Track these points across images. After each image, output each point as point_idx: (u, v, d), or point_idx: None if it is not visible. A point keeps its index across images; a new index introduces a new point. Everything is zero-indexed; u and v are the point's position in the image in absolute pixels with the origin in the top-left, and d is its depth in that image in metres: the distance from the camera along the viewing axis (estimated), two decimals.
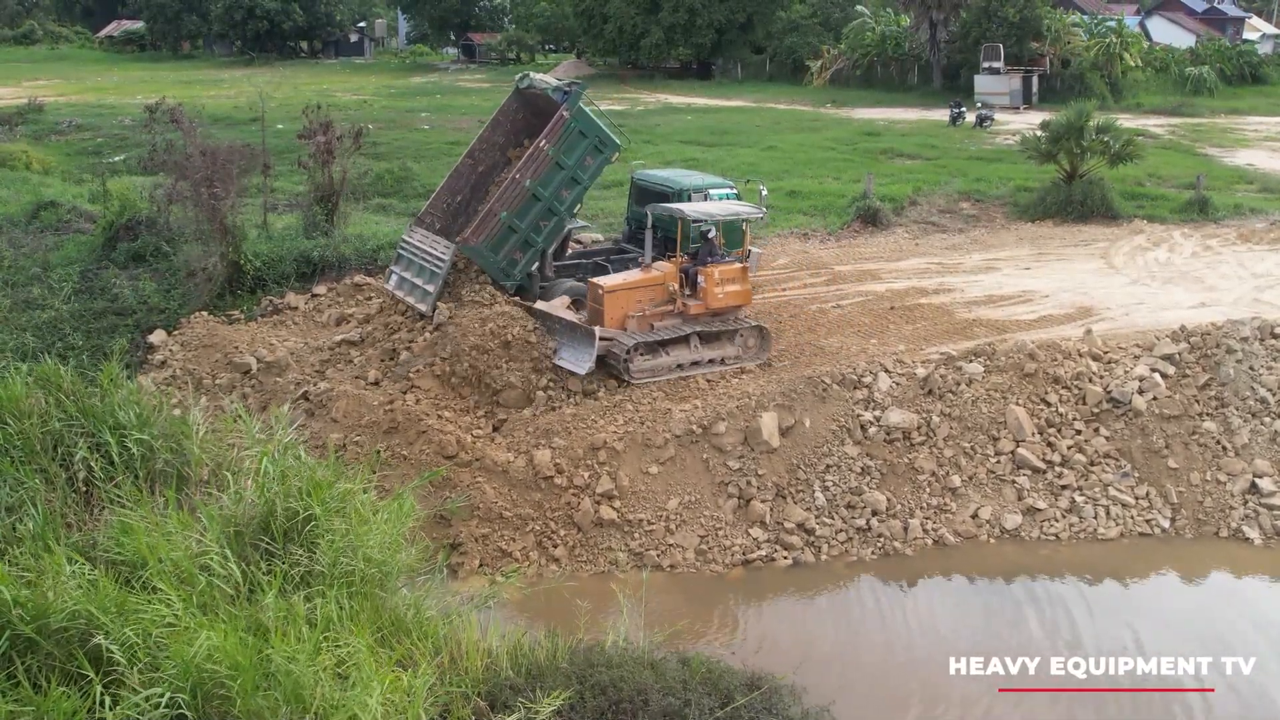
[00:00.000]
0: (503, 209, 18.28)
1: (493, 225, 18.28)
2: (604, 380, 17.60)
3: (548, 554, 14.96)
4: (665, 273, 18.14)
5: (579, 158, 18.77)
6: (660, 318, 17.98)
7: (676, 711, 9.80)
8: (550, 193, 18.63)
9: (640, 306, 17.91)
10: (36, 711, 7.81)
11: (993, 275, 23.30)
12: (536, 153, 18.42)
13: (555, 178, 18.62)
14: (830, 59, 64.07)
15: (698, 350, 18.02)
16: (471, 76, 73.56)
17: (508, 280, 18.71)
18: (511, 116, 20.64)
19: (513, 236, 18.52)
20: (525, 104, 20.49)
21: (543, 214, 18.69)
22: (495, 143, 20.63)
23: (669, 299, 18.03)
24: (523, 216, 18.47)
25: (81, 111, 47.30)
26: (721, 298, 17.95)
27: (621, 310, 17.79)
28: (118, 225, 23.23)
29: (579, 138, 18.68)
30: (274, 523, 9.93)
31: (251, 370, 18.57)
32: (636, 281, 18.18)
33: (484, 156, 20.53)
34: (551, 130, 18.46)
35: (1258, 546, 15.40)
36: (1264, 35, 78.48)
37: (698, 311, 17.95)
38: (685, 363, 17.92)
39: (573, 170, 18.75)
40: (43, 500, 10.21)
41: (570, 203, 19.06)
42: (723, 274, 17.96)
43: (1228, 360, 17.18)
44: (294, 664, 8.31)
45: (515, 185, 18.36)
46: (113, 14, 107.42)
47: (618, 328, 17.71)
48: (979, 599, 14.48)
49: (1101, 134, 28.42)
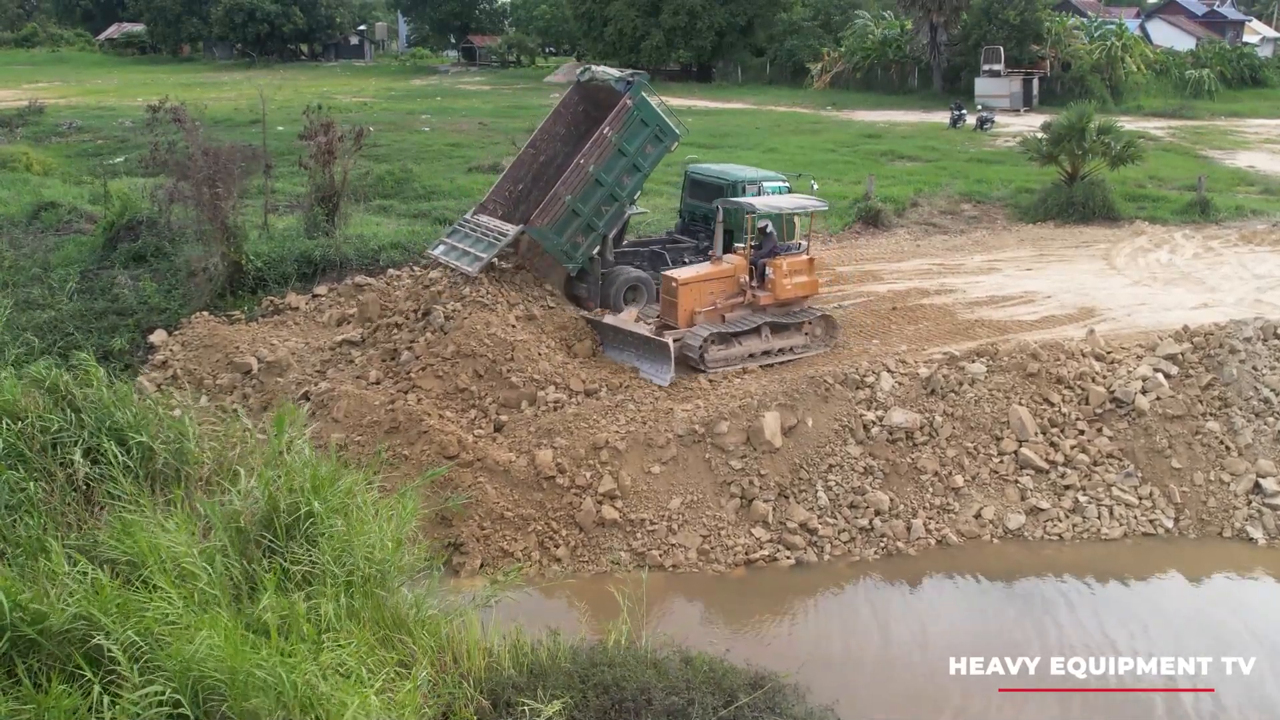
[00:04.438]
0: (567, 193, 19.07)
1: (557, 209, 19.04)
2: (604, 379, 17.58)
3: (550, 554, 14.91)
4: (736, 265, 18.61)
5: (640, 145, 19.65)
6: (731, 309, 18.45)
7: (680, 710, 9.74)
8: (612, 179, 19.49)
9: (712, 299, 18.38)
10: (37, 710, 7.77)
11: (994, 276, 23.27)
12: (600, 139, 19.26)
13: (617, 164, 19.50)
14: (830, 62, 64.07)
15: (769, 340, 18.41)
16: (472, 79, 73.61)
17: (570, 263, 19.52)
18: (572, 109, 21.54)
19: (576, 220, 19.31)
20: (586, 96, 21.34)
21: (605, 199, 19.55)
22: (556, 134, 21.52)
23: (739, 291, 18.45)
24: (586, 201, 19.28)
25: (82, 114, 47.29)
26: (790, 288, 18.46)
27: (695, 302, 18.27)
28: (118, 225, 23.20)
29: (640, 126, 19.54)
30: (277, 519, 9.89)
31: (252, 370, 18.53)
32: (709, 274, 18.66)
33: (545, 147, 21.44)
34: (615, 118, 19.32)
35: (1261, 547, 15.35)
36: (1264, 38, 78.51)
37: (767, 302, 18.44)
38: (757, 352, 18.33)
39: (634, 157, 19.62)
40: (42, 501, 10.17)
41: (631, 189, 19.96)
42: (791, 265, 18.49)
43: (1231, 360, 17.14)
44: (288, 665, 8.23)
45: (579, 170, 19.21)
46: (113, 17, 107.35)
47: (689, 320, 18.20)
48: (982, 599, 14.43)
49: (1103, 135, 28.41)
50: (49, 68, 79.81)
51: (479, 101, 55.27)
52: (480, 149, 37.06)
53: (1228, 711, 12.06)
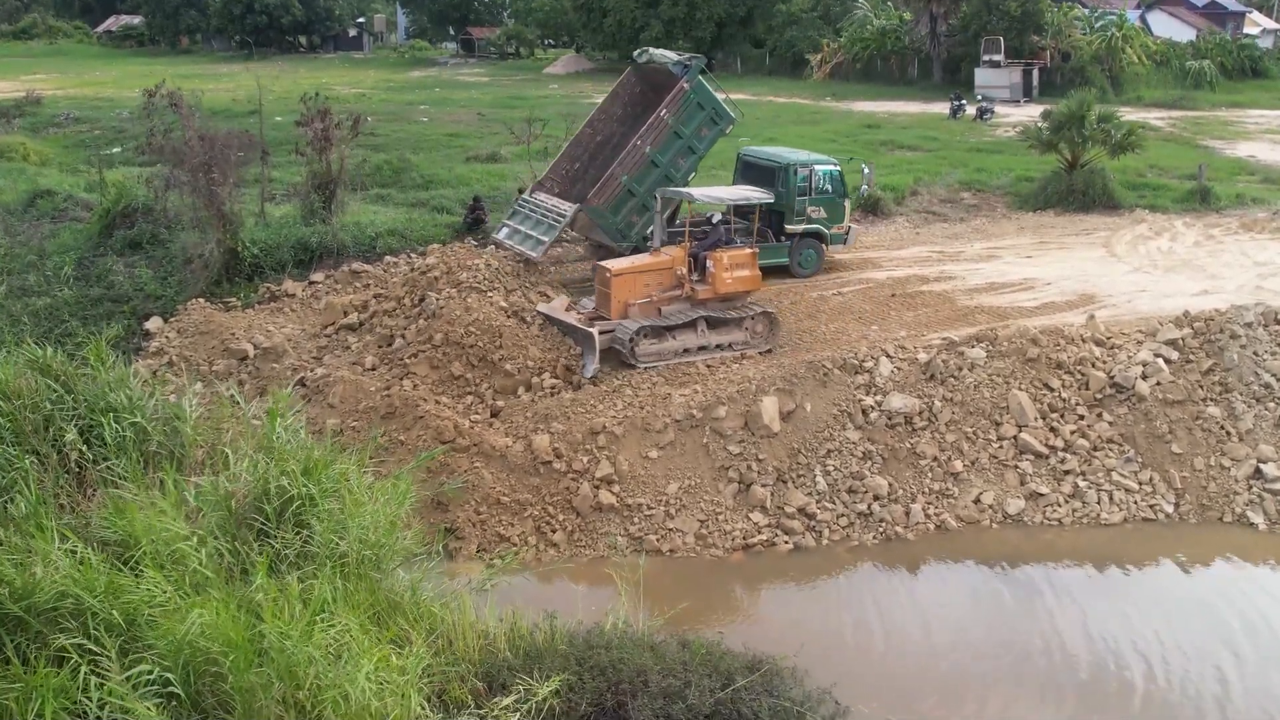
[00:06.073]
0: (624, 173, 19.48)
1: (613, 188, 19.47)
2: (605, 365, 17.48)
3: (546, 539, 14.84)
4: (674, 257, 18.15)
5: (696, 127, 20.12)
6: (668, 302, 18.01)
7: (677, 692, 9.67)
8: (668, 160, 19.97)
9: (647, 291, 17.92)
10: (24, 688, 7.70)
11: (994, 263, 23.16)
12: (656, 121, 19.65)
13: (673, 146, 20.00)
14: (830, 53, 63.75)
15: (705, 335, 17.97)
16: (470, 70, 73.27)
17: (624, 241, 19.87)
18: (630, 90, 21.96)
19: (631, 200, 19.74)
20: (643, 79, 21.73)
21: (660, 180, 19.82)
22: (613, 114, 22.02)
23: (677, 283, 18.00)
24: (641, 181, 19.69)
25: (79, 105, 47.02)
26: (730, 283, 17.98)
27: (629, 294, 17.85)
28: (114, 213, 23.05)
29: (696, 109, 19.99)
30: (268, 503, 9.81)
31: (248, 356, 18.44)
32: (644, 265, 18.24)
33: (602, 127, 21.97)
34: (671, 100, 19.73)
35: (1262, 532, 15.29)
36: (1264, 30, 78.24)
37: (706, 296, 17.96)
38: (692, 348, 17.87)
39: (689, 139, 20.08)
40: (35, 481, 10.09)
41: (686, 171, 20.36)
42: (732, 259, 17.94)
43: (1231, 346, 17.05)
44: (287, 641, 8.20)
45: (636, 151, 19.65)
46: (111, 9, 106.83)
47: (622, 312, 17.77)
48: (981, 584, 14.35)
49: (1103, 123, 28.25)
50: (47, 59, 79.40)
51: (477, 93, 55.00)
52: (478, 139, 36.85)
53: (1228, 697, 11.99)
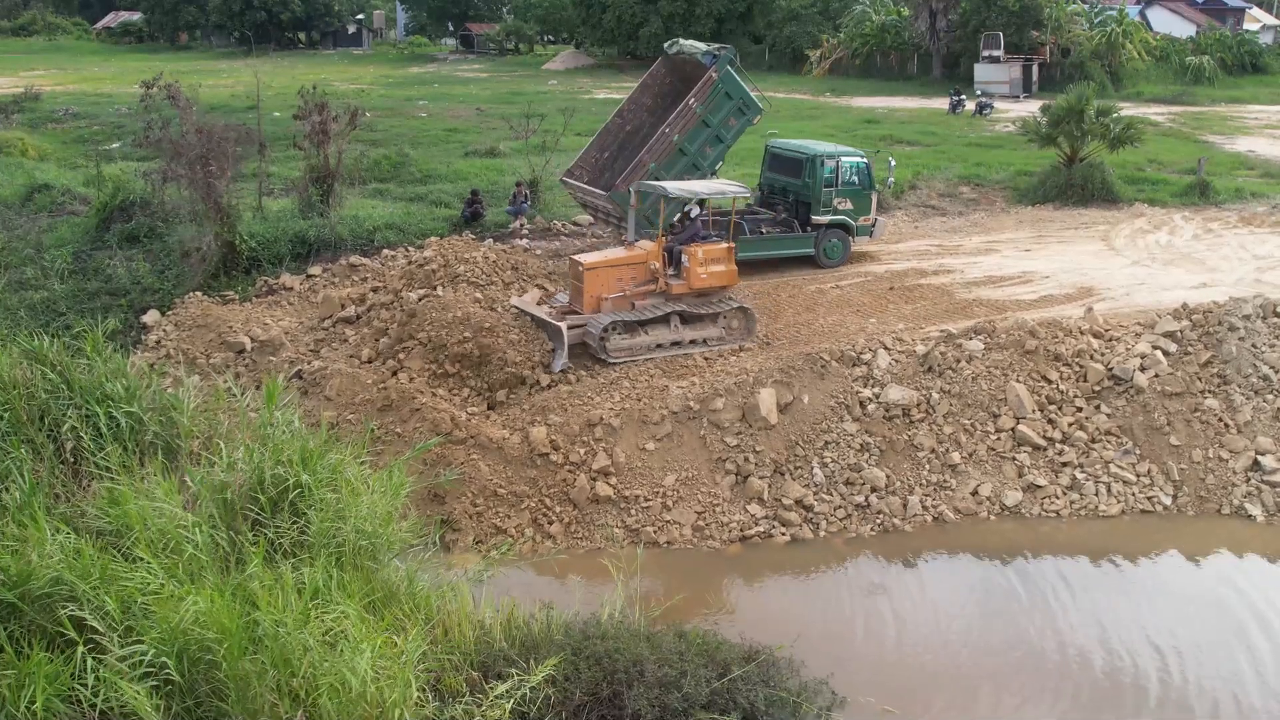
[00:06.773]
0: (652, 160, 19.59)
1: (641, 175, 19.48)
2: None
3: (543, 530, 14.82)
4: (649, 251, 17.91)
5: (723, 117, 20.25)
6: (641, 297, 17.71)
7: (673, 682, 9.66)
8: (695, 148, 20.13)
9: (620, 285, 17.64)
10: (19, 675, 7.70)
11: (993, 257, 23.14)
12: (685, 110, 19.79)
13: (700, 135, 20.15)
14: (830, 49, 63.70)
15: (678, 331, 17.74)
16: (470, 67, 73.18)
17: (651, 229, 19.63)
18: (659, 80, 22.08)
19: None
20: (673, 69, 21.80)
21: (687, 168, 19.99)
22: (643, 104, 22.19)
23: (652, 278, 17.79)
24: (669, 169, 19.81)
25: (78, 100, 46.96)
26: (705, 278, 17.72)
27: (601, 288, 17.55)
28: (112, 207, 23.01)
29: (725, 99, 20.12)
30: (262, 492, 9.80)
31: (245, 349, 18.42)
32: (617, 259, 17.98)
33: (631, 116, 22.15)
34: (700, 90, 19.84)
35: (1260, 523, 15.27)
36: (1264, 26, 78.13)
37: (680, 291, 17.74)
38: (665, 342, 17.64)
39: (717, 129, 20.22)
40: (30, 470, 10.08)
41: (713, 160, 20.50)
42: (707, 253, 17.74)
43: (1230, 338, 17.03)
44: (282, 629, 8.19)
45: (664, 139, 19.76)
46: (110, 5, 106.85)
47: (595, 306, 17.52)
48: (978, 576, 14.33)
49: (1101, 117, 28.22)
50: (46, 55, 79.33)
51: (476, 88, 54.92)
52: (477, 134, 36.80)
53: (1228, 690, 11.97)
